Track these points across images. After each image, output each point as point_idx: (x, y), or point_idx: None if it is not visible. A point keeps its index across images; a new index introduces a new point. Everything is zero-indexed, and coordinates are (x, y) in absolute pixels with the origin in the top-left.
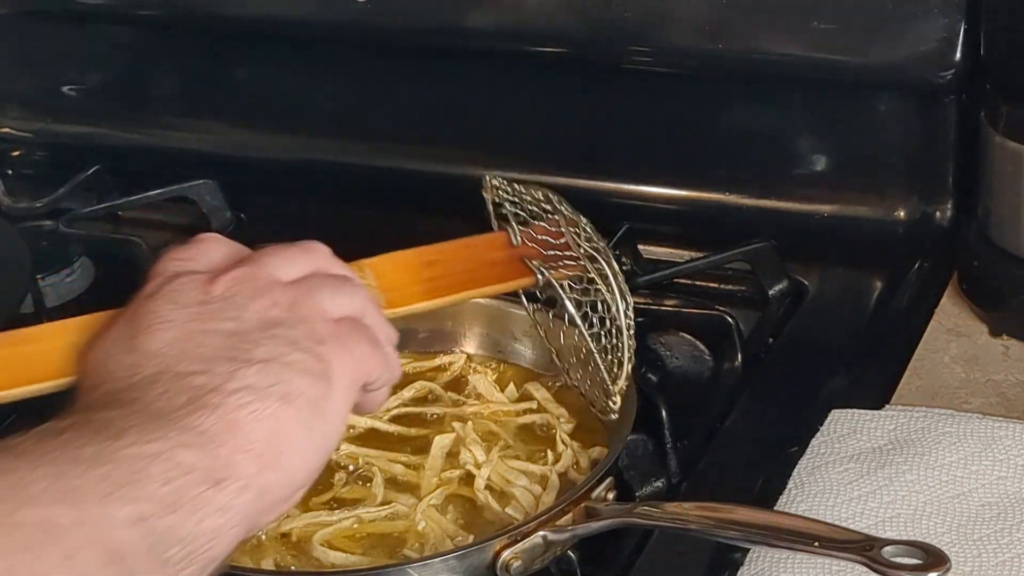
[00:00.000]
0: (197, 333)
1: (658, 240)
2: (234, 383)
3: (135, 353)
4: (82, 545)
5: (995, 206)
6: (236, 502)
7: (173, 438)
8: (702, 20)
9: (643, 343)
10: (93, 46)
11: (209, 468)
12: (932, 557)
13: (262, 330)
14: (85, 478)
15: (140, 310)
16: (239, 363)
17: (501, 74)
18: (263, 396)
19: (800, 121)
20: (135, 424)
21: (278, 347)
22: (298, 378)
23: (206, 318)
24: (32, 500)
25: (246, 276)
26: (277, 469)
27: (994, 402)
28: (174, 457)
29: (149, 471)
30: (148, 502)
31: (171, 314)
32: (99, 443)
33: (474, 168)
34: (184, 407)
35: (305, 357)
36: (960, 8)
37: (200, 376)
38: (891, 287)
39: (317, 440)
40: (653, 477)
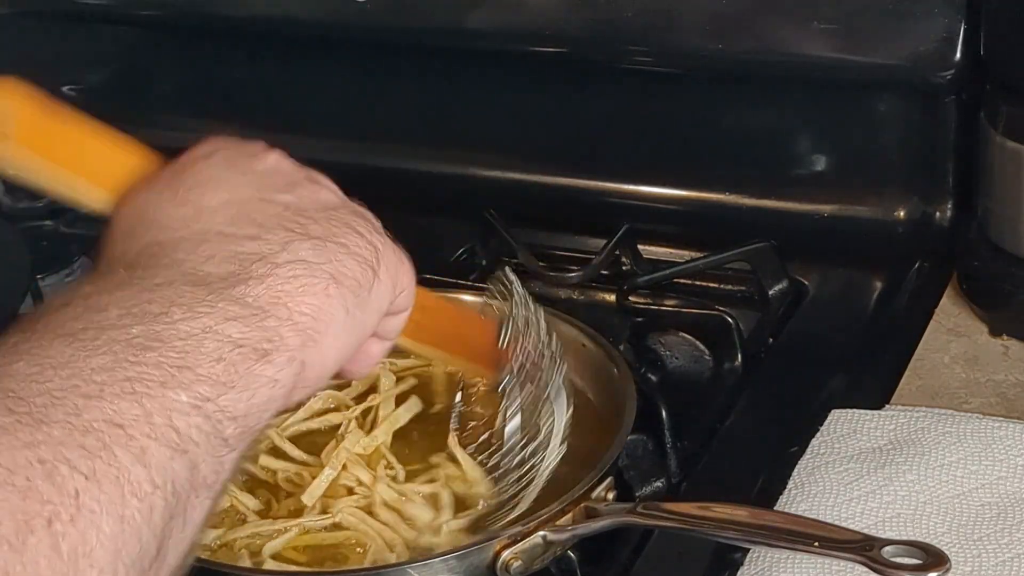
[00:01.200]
0: (252, 199)
1: (658, 240)
2: (286, 254)
3: (186, 206)
4: (150, 440)
5: (995, 206)
6: (283, 374)
7: (220, 310)
8: (702, 20)
9: (643, 343)
10: (93, 46)
11: (257, 340)
12: (932, 557)
13: (319, 209)
14: (140, 366)
15: (192, 167)
16: (294, 234)
17: (501, 74)
18: (313, 272)
19: (800, 121)
20: (182, 294)
21: (334, 227)
22: (349, 260)
23: (261, 186)
24: (95, 396)
25: (294, 161)
26: (318, 346)
27: (994, 402)
28: (223, 331)
29: (200, 350)
30: (204, 384)
31: (226, 174)
32: (147, 322)
33: (474, 168)
34: (232, 276)
35: (360, 241)
36: (960, 8)
37: (251, 242)
38: (891, 287)
39: (354, 327)
40: (653, 477)
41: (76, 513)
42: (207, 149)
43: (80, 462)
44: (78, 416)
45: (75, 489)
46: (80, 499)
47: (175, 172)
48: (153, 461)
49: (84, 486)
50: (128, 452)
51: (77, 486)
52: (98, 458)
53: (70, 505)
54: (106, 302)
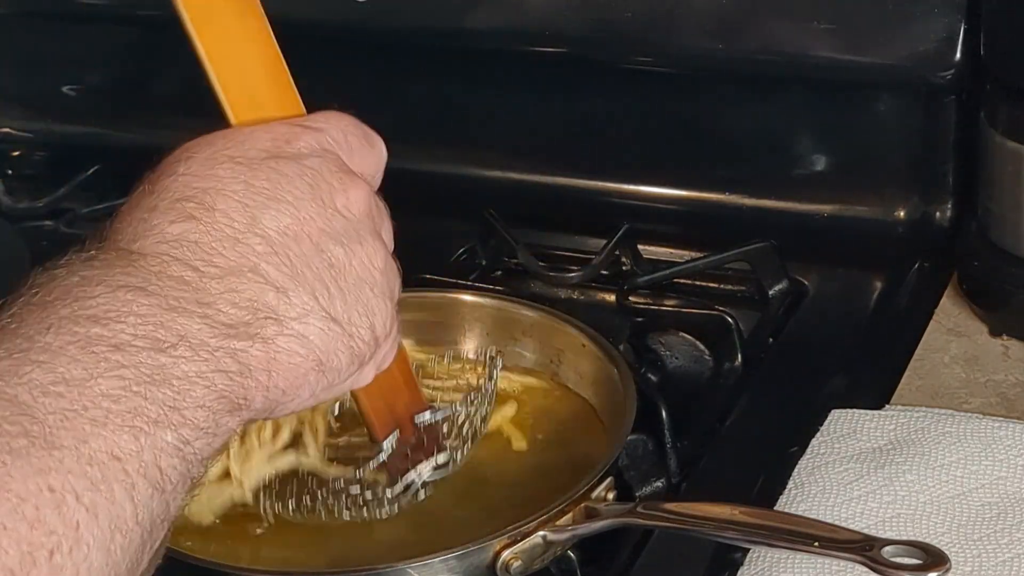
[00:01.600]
0: (308, 237)
1: (658, 240)
2: (297, 324)
3: (246, 213)
4: (140, 477)
5: (995, 206)
6: (237, 427)
7: (218, 360)
8: (702, 20)
9: (643, 343)
10: (93, 46)
11: (235, 395)
12: (932, 557)
13: (357, 282)
14: (141, 399)
15: (282, 167)
16: (316, 304)
17: (501, 74)
18: (307, 355)
19: (800, 121)
20: (190, 330)
21: (355, 312)
22: (344, 355)
23: (325, 228)
24: (101, 423)
25: (378, 209)
26: (274, 412)
27: (994, 402)
28: (213, 380)
29: (191, 393)
30: (187, 427)
31: (303, 197)
32: (155, 351)
33: (474, 168)
34: (240, 325)
35: (366, 336)
36: (960, 8)
37: (274, 294)
38: (891, 287)
39: (309, 404)
40: (653, 477)
41: (75, 546)
42: (310, 144)
43: (85, 494)
44: (86, 444)
45: (77, 521)
46: (79, 531)
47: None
48: (140, 498)
49: (85, 519)
50: (122, 488)
51: (79, 518)
52: (99, 491)
53: (71, 537)
54: (125, 311)
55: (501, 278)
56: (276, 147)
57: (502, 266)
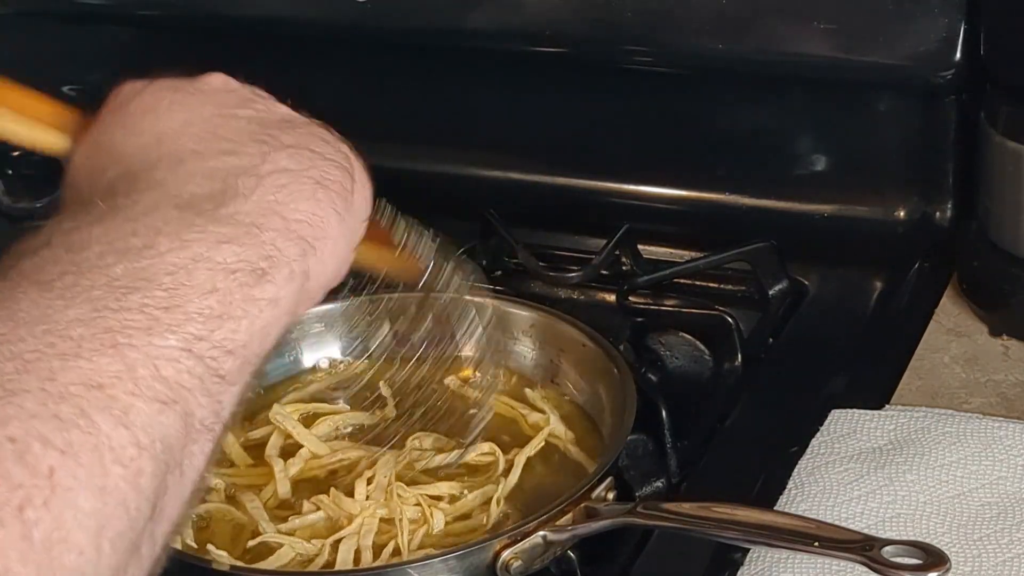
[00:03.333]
0: (213, 116)
1: (658, 240)
2: (268, 165)
3: (143, 135)
4: (133, 398)
5: (995, 206)
6: (285, 291)
7: (211, 232)
8: (702, 20)
9: (643, 343)
10: (93, 46)
11: (253, 260)
12: (932, 557)
13: (282, 121)
14: (123, 312)
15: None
16: (268, 146)
17: (501, 74)
18: (299, 179)
19: (800, 121)
20: (168, 220)
21: (303, 137)
22: (328, 165)
23: (217, 104)
24: (72, 355)
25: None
26: (317, 254)
27: (994, 402)
28: (214, 257)
29: (190, 283)
30: (195, 322)
31: (176, 97)
32: (131, 258)
33: (474, 168)
34: (218, 193)
35: (329, 148)
36: (960, 8)
37: (228, 157)
38: (891, 287)
39: (347, 231)
40: (653, 477)
41: (50, 495)
42: (136, 85)
43: (55, 435)
44: (53, 381)
45: (49, 467)
46: (55, 477)
47: (117, 110)
48: (138, 421)
49: (59, 462)
50: (109, 416)
51: (51, 463)
52: (75, 428)
53: (44, 487)
54: (86, 239)
55: (501, 278)
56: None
57: (502, 266)
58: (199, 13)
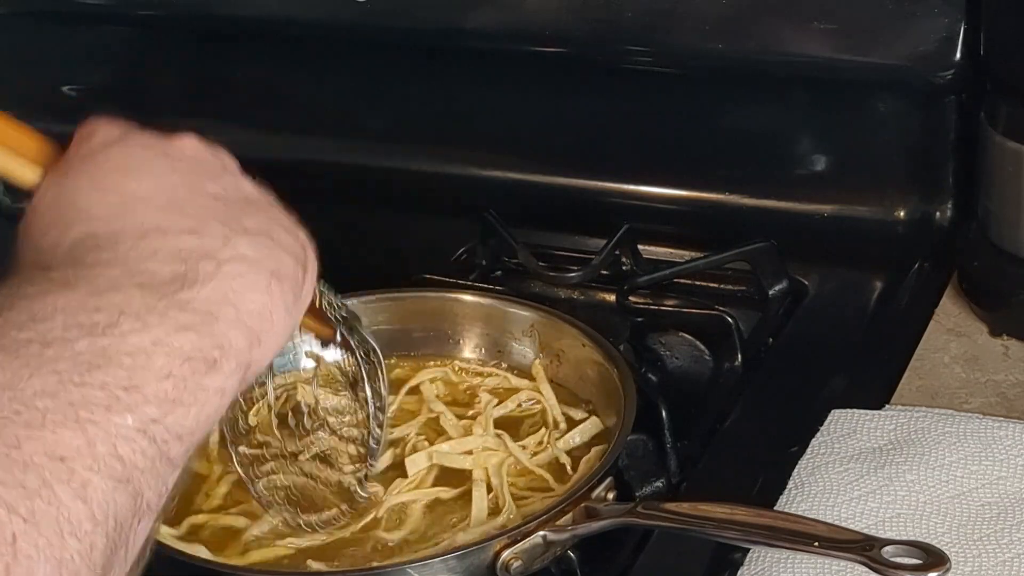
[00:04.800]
0: (180, 186)
1: (658, 240)
2: (228, 250)
3: (111, 193)
4: (92, 474)
5: (995, 206)
6: (231, 382)
7: (171, 318)
8: (702, 20)
9: (643, 343)
10: (93, 46)
11: (206, 348)
12: (932, 557)
13: (245, 203)
14: (85, 387)
15: (108, 152)
16: (230, 229)
17: (501, 74)
18: (256, 269)
19: (800, 121)
20: (128, 301)
21: (264, 222)
22: (285, 256)
23: (186, 173)
24: (37, 425)
25: (208, 147)
26: (262, 346)
27: (994, 402)
28: (173, 343)
29: (149, 367)
30: (150, 404)
31: (147, 159)
32: (94, 335)
33: (474, 168)
34: (178, 278)
35: (289, 238)
36: (960, 8)
37: (192, 237)
38: (891, 287)
39: (290, 324)
40: (653, 477)
41: (12, 561)
42: (113, 133)
43: (19, 503)
44: (18, 449)
45: (12, 534)
46: (17, 545)
47: (89, 158)
48: (95, 496)
49: (22, 530)
50: (68, 488)
51: (15, 530)
52: (37, 497)
53: (6, 553)
54: (51, 308)
55: (501, 278)
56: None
57: (502, 266)
58: (199, 13)
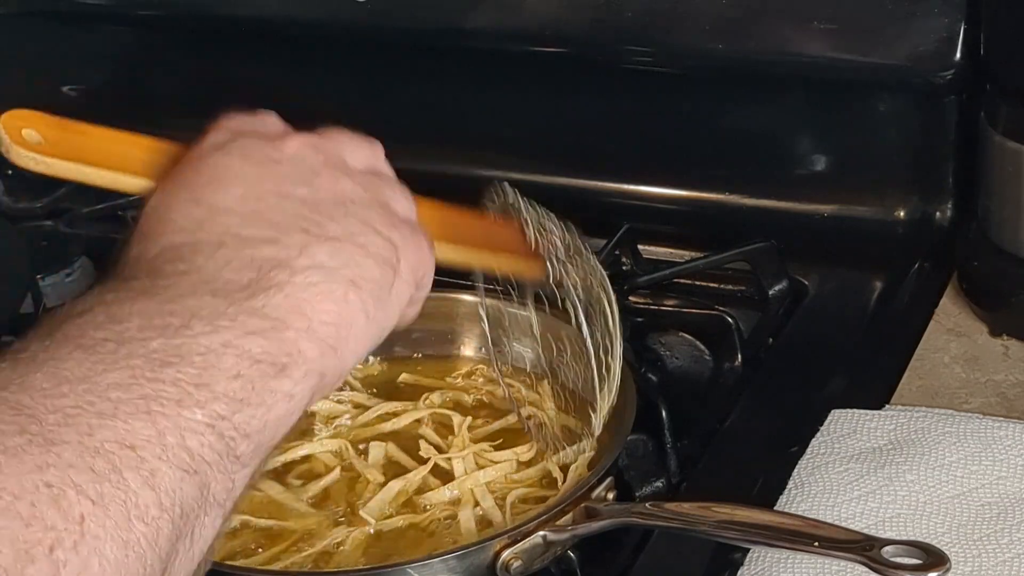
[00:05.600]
0: (269, 194)
1: (658, 240)
2: (304, 259)
3: (202, 206)
4: (160, 462)
5: (995, 206)
6: (300, 387)
7: (240, 323)
8: (702, 20)
9: (643, 343)
10: (93, 46)
11: (275, 354)
12: (932, 557)
13: (336, 204)
14: (157, 383)
15: (208, 160)
16: (311, 236)
17: (501, 74)
18: (332, 277)
19: (800, 121)
20: (201, 305)
21: (352, 225)
22: (368, 262)
23: (278, 179)
24: (110, 415)
25: (316, 145)
26: (337, 355)
27: (994, 402)
28: (242, 346)
29: (219, 366)
30: (220, 402)
31: (242, 168)
32: (167, 335)
33: (474, 168)
34: (250, 285)
35: (377, 240)
36: (960, 8)
37: (269, 246)
38: (891, 287)
39: (373, 329)
40: (653, 477)
41: (80, 539)
42: (222, 137)
43: (88, 486)
44: (91, 436)
45: (81, 514)
46: (85, 524)
47: (191, 166)
48: (163, 484)
49: (90, 511)
50: (138, 475)
51: (83, 511)
52: (107, 481)
53: (74, 531)
54: (128, 312)
55: None
56: (196, 151)
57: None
58: (199, 13)
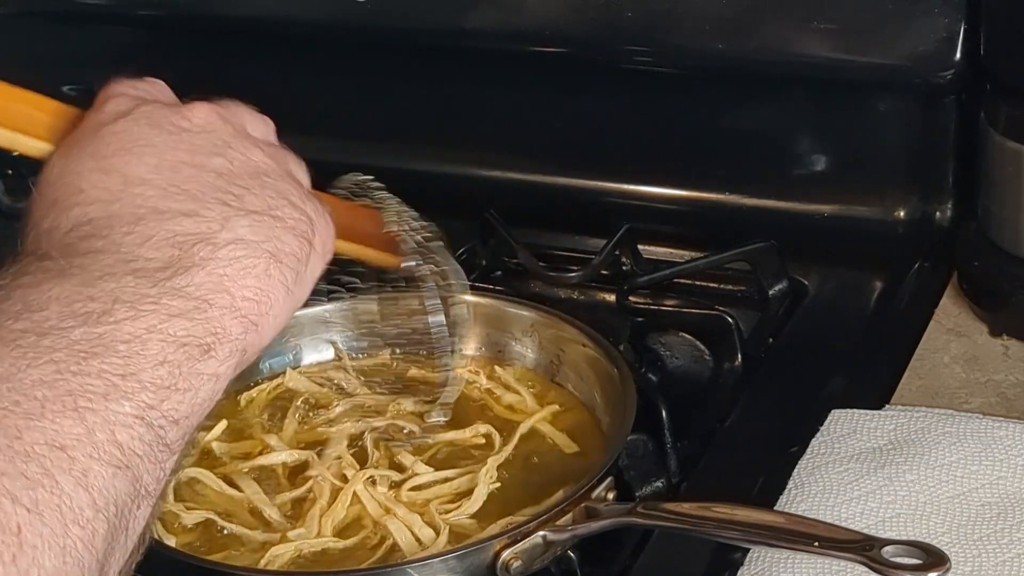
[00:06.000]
0: (183, 164)
1: (658, 240)
2: (226, 233)
3: (113, 176)
4: (92, 461)
5: (995, 206)
6: (225, 367)
7: (164, 305)
8: (702, 20)
9: (643, 343)
10: (93, 46)
11: (200, 335)
12: (932, 557)
13: (252, 176)
14: (83, 376)
15: (113, 128)
16: (231, 209)
17: (501, 74)
18: (254, 251)
19: (800, 121)
20: (122, 288)
21: (269, 198)
22: (288, 235)
23: (192, 149)
24: (37, 415)
25: (222, 114)
26: (258, 330)
27: (994, 402)
28: (167, 330)
29: (144, 353)
30: (147, 391)
31: (152, 136)
32: (89, 323)
33: (474, 168)
34: (172, 263)
35: (294, 213)
36: (960, 8)
37: (189, 220)
38: (891, 287)
39: (291, 303)
40: (653, 477)
41: (18, 551)
42: (124, 105)
43: (22, 493)
44: (20, 439)
45: (17, 525)
46: (22, 535)
47: (93, 133)
48: (96, 483)
49: (27, 520)
50: (70, 477)
51: (19, 521)
52: (40, 487)
53: (12, 544)
54: (46, 297)
55: (501, 278)
56: (96, 119)
57: (502, 266)
58: (199, 13)
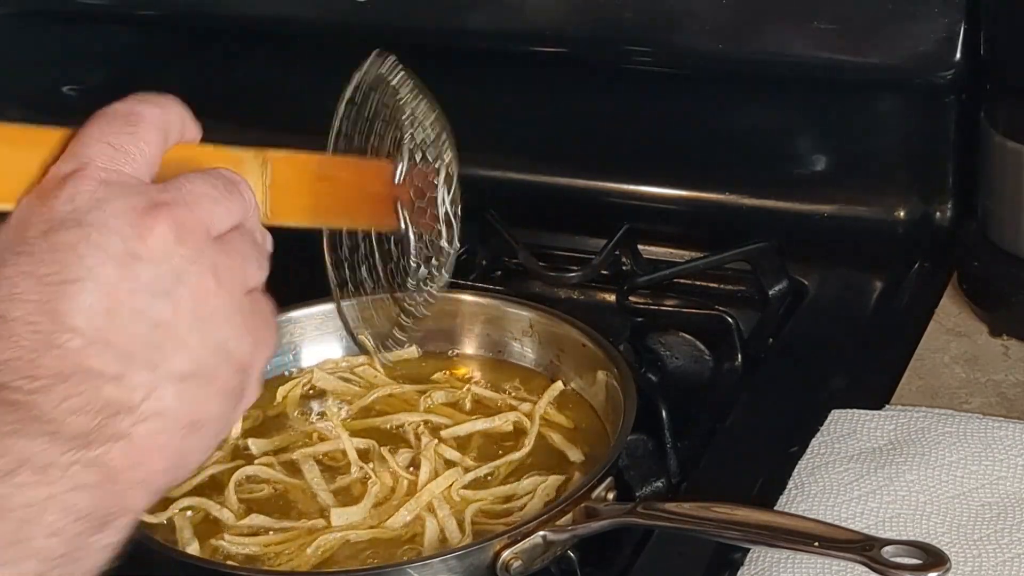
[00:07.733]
0: (122, 307)
1: (658, 240)
2: (150, 403)
3: (45, 311)
4: None
5: (995, 206)
6: (119, 537)
7: (71, 475)
8: (702, 20)
9: (643, 343)
10: (93, 46)
11: (102, 509)
12: (932, 557)
13: (192, 326)
14: None
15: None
16: (159, 376)
17: (501, 74)
18: (174, 424)
19: (800, 121)
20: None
21: (204, 354)
22: (214, 400)
23: (134, 289)
24: None
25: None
26: (160, 494)
27: (994, 402)
28: (68, 500)
29: (39, 522)
30: (32, 559)
31: (96, 265)
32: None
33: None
34: (90, 433)
35: (227, 371)
36: (960, 8)
37: (113, 386)
38: (891, 287)
39: (204, 456)
40: (653, 477)
41: None
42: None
43: None
44: None
45: None
46: None
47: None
48: None
49: None
50: None
51: None
52: None
53: None
54: None
55: (501, 278)
56: (48, 214)
57: (502, 266)
58: (199, 13)
